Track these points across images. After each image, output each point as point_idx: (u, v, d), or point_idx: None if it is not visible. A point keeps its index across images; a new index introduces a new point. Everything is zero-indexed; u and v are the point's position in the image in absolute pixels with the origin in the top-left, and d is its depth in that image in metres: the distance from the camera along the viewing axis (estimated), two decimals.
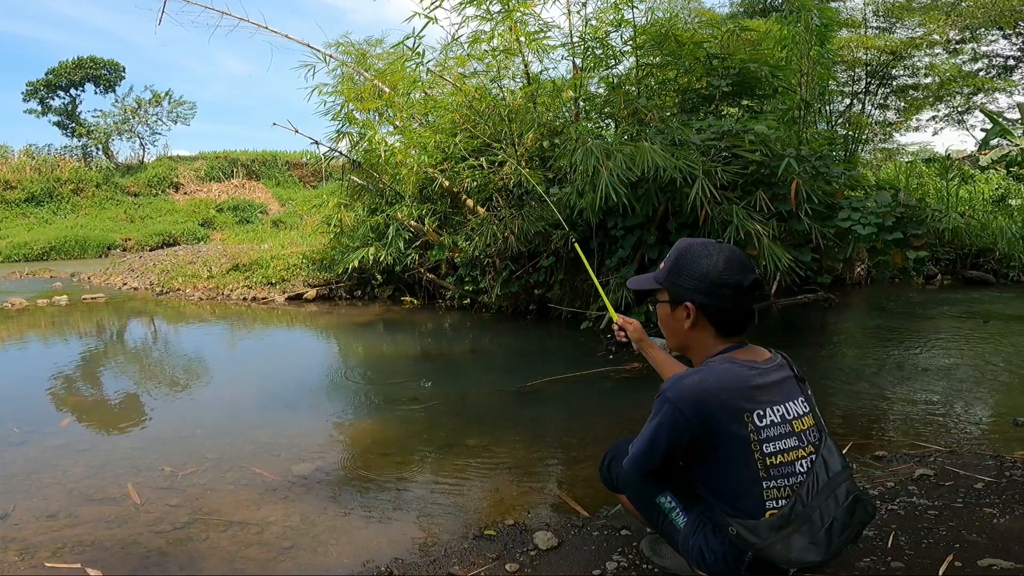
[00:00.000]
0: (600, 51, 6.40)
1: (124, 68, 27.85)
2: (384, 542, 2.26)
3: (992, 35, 16.08)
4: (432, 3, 6.52)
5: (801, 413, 1.58)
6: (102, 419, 3.93)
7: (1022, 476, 2.48)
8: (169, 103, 28.39)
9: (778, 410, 1.55)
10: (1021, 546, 1.95)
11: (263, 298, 8.96)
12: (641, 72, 6.44)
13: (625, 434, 1.89)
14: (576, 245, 2.42)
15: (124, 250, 19.60)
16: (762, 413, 1.53)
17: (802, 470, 1.55)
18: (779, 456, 1.54)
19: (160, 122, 28.65)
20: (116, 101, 27.99)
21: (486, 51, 6.80)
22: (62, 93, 27.31)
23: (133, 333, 7.46)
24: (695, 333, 1.65)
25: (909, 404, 3.76)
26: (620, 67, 6.77)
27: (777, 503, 1.54)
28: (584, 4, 6.62)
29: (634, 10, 5.99)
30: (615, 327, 2.08)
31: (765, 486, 1.53)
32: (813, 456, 1.57)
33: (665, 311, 1.70)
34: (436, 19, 6.59)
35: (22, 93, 27.07)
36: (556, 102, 6.97)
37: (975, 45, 15.95)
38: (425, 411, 3.93)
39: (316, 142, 8.23)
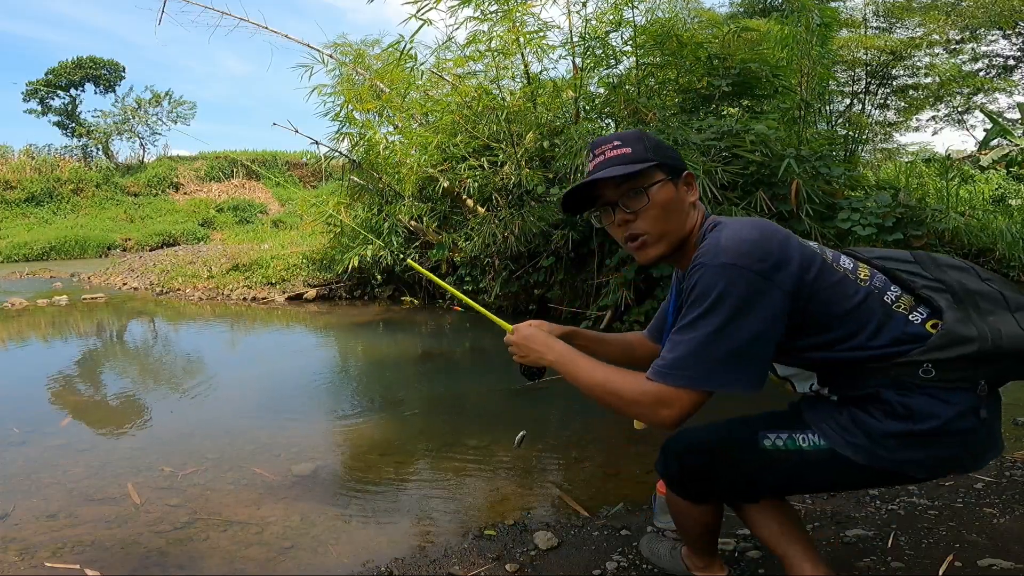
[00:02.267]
0: (600, 51, 6.40)
1: (124, 68, 27.96)
2: (384, 542, 2.26)
3: (992, 35, 16.08)
4: (425, 6, 6.51)
5: None
6: (102, 419, 3.92)
7: (1022, 476, 2.48)
8: (169, 103, 28.45)
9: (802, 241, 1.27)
10: (1021, 546, 1.95)
11: (263, 298, 8.96)
12: (641, 72, 6.44)
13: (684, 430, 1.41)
14: (410, 262, 1.98)
15: (124, 250, 19.62)
16: (801, 239, 1.25)
17: (884, 276, 1.26)
18: (861, 270, 1.24)
19: (160, 122, 28.71)
20: (116, 101, 28.09)
21: (484, 52, 6.80)
22: (62, 93, 27.36)
23: (133, 333, 7.46)
24: (696, 204, 1.37)
25: None
26: (620, 67, 6.79)
27: (919, 311, 1.20)
28: (584, 4, 6.63)
29: (634, 10, 6.00)
30: (509, 340, 1.49)
31: (887, 301, 1.19)
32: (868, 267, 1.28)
33: (668, 191, 1.32)
34: (430, 21, 6.60)
35: (22, 93, 27.15)
36: (556, 102, 6.97)
37: (975, 45, 15.95)
38: (425, 411, 3.93)
39: (316, 142, 8.26)
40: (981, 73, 16.85)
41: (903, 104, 14.27)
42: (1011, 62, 17.21)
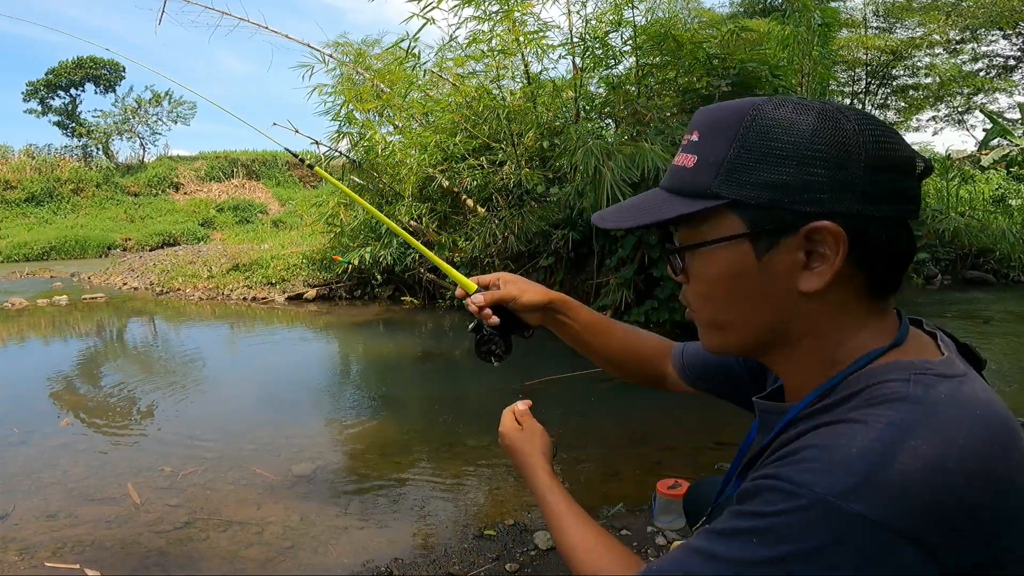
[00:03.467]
0: (600, 51, 6.41)
1: (124, 68, 27.90)
2: (384, 542, 2.26)
3: (992, 35, 16.09)
4: (428, 4, 6.51)
5: None
6: (102, 419, 3.92)
7: None
8: (169, 103, 28.46)
9: None
10: None
11: (263, 298, 8.96)
12: (641, 72, 6.44)
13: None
14: (318, 169, 1.29)
15: (124, 250, 19.61)
16: None
17: None
18: None
19: (160, 122, 28.73)
20: (116, 101, 28.10)
21: (484, 51, 6.81)
22: (62, 93, 27.37)
23: (133, 333, 7.46)
24: (828, 299, 0.64)
25: None
26: (620, 67, 6.79)
27: None
28: (584, 4, 6.63)
29: (634, 10, 6.00)
30: (471, 303, 1.11)
31: None
32: None
33: (737, 259, 0.65)
34: (433, 20, 6.60)
35: (22, 93, 27.16)
36: (556, 102, 6.97)
37: (975, 45, 15.96)
38: (425, 411, 3.93)
39: (316, 142, 8.25)
40: (981, 73, 16.86)
41: (903, 104, 14.31)
42: (1011, 62, 17.21)
